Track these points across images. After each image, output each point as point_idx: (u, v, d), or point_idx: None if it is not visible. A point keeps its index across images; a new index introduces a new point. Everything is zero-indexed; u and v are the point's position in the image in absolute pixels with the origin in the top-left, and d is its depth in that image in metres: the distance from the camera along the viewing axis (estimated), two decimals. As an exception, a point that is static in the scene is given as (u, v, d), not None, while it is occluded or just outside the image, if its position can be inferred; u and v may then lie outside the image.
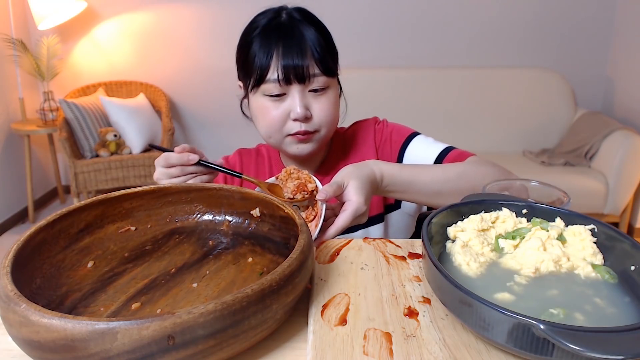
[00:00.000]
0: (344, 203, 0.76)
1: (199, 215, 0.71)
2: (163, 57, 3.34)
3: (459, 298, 0.46)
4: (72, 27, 3.23)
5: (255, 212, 0.68)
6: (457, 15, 3.26)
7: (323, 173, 1.01)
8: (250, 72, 0.89)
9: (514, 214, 0.63)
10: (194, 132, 3.50)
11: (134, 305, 0.54)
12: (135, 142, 3.07)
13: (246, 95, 0.95)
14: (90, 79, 3.33)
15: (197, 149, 0.84)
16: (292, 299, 0.50)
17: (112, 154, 3.01)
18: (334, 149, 1.04)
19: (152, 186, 0.68)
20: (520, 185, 0.78)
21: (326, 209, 0.75)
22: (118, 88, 3.32)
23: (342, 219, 0.73)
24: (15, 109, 3.16)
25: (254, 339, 0.46)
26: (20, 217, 3.19)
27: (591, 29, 3.27)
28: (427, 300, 0.55)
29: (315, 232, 0.74)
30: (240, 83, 0.97)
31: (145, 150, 3.14)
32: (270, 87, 0.87)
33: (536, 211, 0.64)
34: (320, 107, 0.89)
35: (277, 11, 0.92)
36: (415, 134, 1.00)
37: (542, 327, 0.41)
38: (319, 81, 0.88)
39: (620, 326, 0.42)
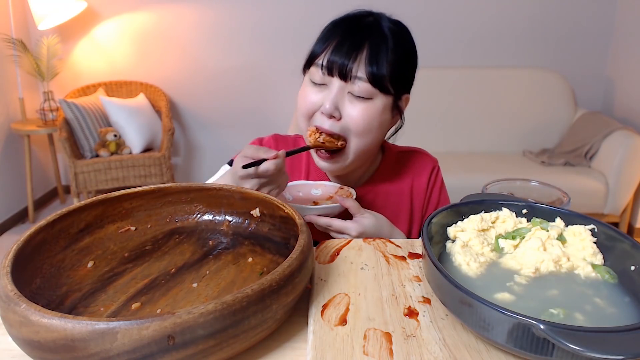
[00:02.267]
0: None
1: (199, 215, 0.71)
2: (163, 57, 3.34)
3: (459, 298, 0.46)
4: (72, 27, 3.23)
5: (255, 212, 0.68)
6: (456, 15, 3.26)
7: (365, 190, 0.98)
8: (310, 52, 0.88)
9: (514, 214, 0.63)
10: (194, 132, 3.50)
11: (134, 305, 0.54)
12: (135, 142, 3.06)
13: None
14: (90, 79, 3.33)
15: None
16: (292, 299, 0.50)
17: (112, 154, 3.01)
18: (383, 167, 1.00)
19: (152, 186, 0.69)
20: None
21: (336, 209, 0.86)
22: (118, 88, 3.32)
23: (338, 222, 0.85)
24: (15, 109, 3.15)
25: (254, 339, 0.46)
26: (20, 217, 3.18)
27: (591, 28, 3.26)
28: (427, 300, 0.55)
29: (316, 207, 0.84)
30: None
31: (145, 150, 3.13)
32: (314, 71, 0.85)
33: (536, 211, 0.64)
34: (352, 112, 0.83)
35: (371, 13, 0.89)
36: None
37: (542, 327, 0.41)
38: (361, 87, 0.82)
39: (620, 326, 0.42)
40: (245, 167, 0.73)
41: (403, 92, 0.90)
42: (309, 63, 0.87)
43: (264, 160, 0.73)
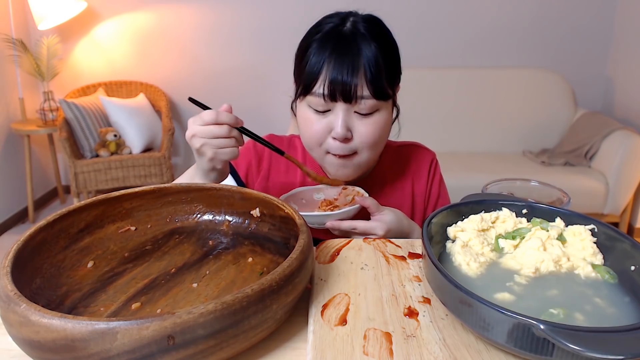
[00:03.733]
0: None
1: (199, 215, 0.71)
2: (163, 57, 3.34)
3: (459, 298, 0.46)
4: (72, 27, 3.22)
5: (255, 212, 0.68)
6: (457, 15, 3.26)
7: (366, 188, 0.97)
8: (300, 77, 0.85)
9: (514, 214, 0.63)
10: (194, 132, 3.50)
11: (134, 305, 0.54)
12: (135, 142, 3.06)
13: (296, 99, 0.91)
14: (90, 79, 3.33)
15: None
16: (292, 299, 0.50)
17: (112, 154, 3.01)
18: (383, 164, 1.00)
19: (152, 186, 0.69)
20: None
21: (352, 212, 0.83)
22: (118, 88, 3.31)
23: (362, 223, 0.81)
24: (15, 109, 3.15)
25: (254, 339, 0.46)
26: (20, 217, 3.18)
27: (591, 29, 3.26)
28: (427, 300, 0.55)
29: (334, 212, 0.82)
30: (295, 82, 0.92)
31: (145, 150, 3.13)
32: (315, 100, 0.83)
33: (536, 211, 0.64)
34: (363, 130, 0.84)
35: (344, 18, 0.85)
36: None
37: (542, 327, 0.41)
38: (367, 104, 0.82)
39: (620, 326, 0.42)
40: (190, 99, 0.78)
41: (397, 85, 0.89)
42: (305, 91, 0.84)
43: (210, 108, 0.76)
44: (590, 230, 0.59)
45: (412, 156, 1.02)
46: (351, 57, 0.80)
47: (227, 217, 0.70)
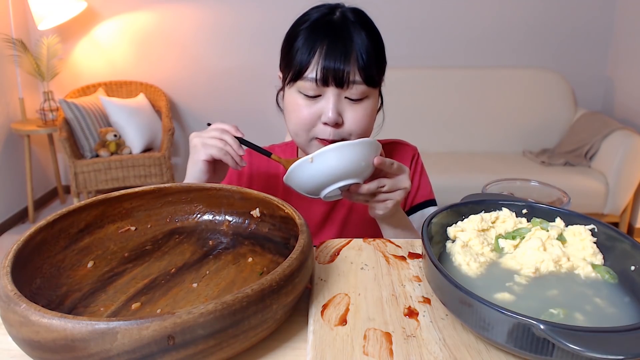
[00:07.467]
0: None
1: (199, 215, 0.71)
2: (163, 57, 3.34)
3: (459, 298, 0.46)
4: (72, 27, 3.22)
5: (255, 212, 0.68)
6: (457, 15, 3.26)
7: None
8: (290, 65, 0.86)
9: (514, 214, 0.63)
10: (194, 132, 3.50)
11: (134, 305, 0.54)
12: (135, 142, 3.06)
13: (283, 88, 0.92)
14: (90, 79, 3.32)
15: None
16: (292, 299, 0.50)
17: (112, 154, 3.01)
18: None
19: (152, 186, 0.69)
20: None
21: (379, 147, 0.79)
22: (118, 88, 3.31)
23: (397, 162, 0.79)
24: (15, 109, 3.15)
25: (254, 339, 0.46)
26: (20, 217, 3.18)
27: (591, 29, 3.26)
28: (427, 300, 0.55)
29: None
30: (280, 74, 0.93)
31: (145, 150, 3.13)
32: (306, 85, 0.83)
33: (536, 211, 0.64)
34: (353, 116, 0.85)
35: (332, 8, 0.87)
36: (432, 202, 1.02)
37: (542, 327, 0.41)
38: (358, 89, 0.83)
39: (620, 326, 0.42)
40: (208, 124, 0.86)
41: (383, 74, 0.90)
42: (296, 77, 0.85)
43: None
44: (590, 230, 0.59)
45: (394, 153, 1.03)
46: (343, 43, 0.82)
47: (227, 217, 0.70)
